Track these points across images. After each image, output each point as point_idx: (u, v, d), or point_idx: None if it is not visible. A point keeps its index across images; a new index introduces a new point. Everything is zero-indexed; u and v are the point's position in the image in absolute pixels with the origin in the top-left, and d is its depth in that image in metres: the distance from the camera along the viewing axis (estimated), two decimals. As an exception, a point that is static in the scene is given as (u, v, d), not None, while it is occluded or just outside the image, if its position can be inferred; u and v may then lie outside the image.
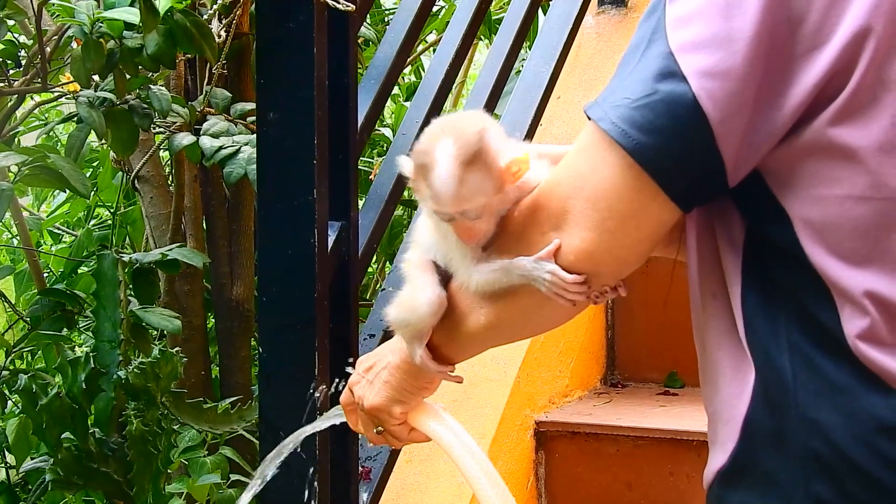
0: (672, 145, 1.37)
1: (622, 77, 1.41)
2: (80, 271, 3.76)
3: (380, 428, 1.76)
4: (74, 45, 2.95)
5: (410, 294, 1.63)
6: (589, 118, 1.43)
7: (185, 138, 3.10)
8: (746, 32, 1.33)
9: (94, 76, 2.94)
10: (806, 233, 1.37)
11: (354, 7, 2.36)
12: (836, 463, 1.35)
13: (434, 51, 3.11)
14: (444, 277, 1.63)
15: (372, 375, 1.74)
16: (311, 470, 2.28)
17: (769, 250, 1.41)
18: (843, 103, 1.34)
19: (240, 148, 2.98)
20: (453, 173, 1.49)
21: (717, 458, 1.46)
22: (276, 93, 2.31)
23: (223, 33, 3.21)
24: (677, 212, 1.42)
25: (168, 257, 3.22)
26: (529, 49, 3.61)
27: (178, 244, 3.42)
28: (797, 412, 1.37)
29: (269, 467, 2.00)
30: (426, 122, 2.80)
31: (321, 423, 2.00)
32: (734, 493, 1.44)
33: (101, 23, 2.76)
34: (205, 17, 3.07)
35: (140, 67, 2.88)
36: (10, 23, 3.30)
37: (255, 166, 2.47)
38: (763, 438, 1.41)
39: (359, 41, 3.48)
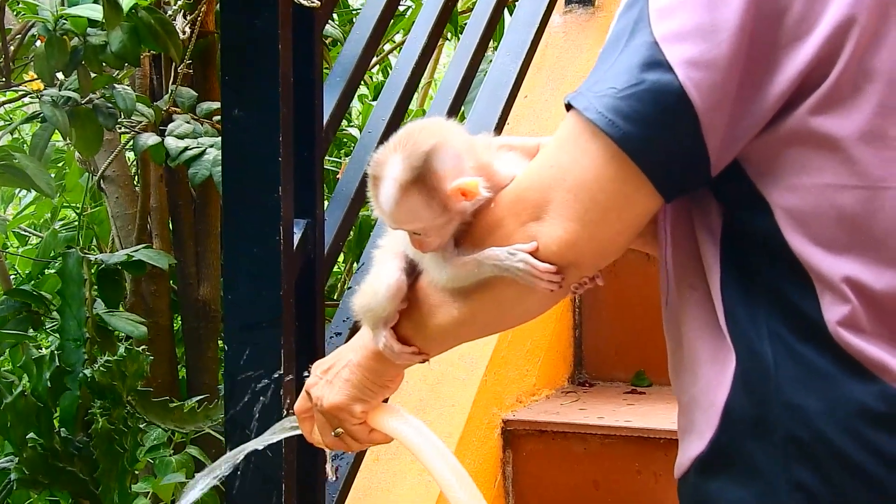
0: (659, 135, 1.36)
1: (605, 67, 1.40)
2: (46, 272, 3.74)
3: (339, 430, 1.73)
4: (38, 43, 2.93)
5: (372, 278, 1.63)
6: (571, 108, 1.41)
7: (149, 139, 3.09)
8: (731, 24, 1.33)
9: (58, 74, 2.93)
10: (786, 221, 1.38)
11: (319, 4, 2.35)
12: (818, 449, 1.35)
13: (401, 50, 3.11)
14: (413, 266, 1.61)
15: (331, 375, 1.71)
16: (278, 470, 2.27)
17: (748, 239, 1.41)
18: (826, 93, 1.34)
19: (205, 149, 2.97)
20: (392, 195, 1.49)
21: (694, 447, 1.45)
22: (241, 90, 2.30)
23: (188, 30, 3.20)
24: (660, 202, 1.41)
25: (134, 258, 3.21)
26: (496, 49, 3.61)
27: (144, 245, 3.41)
28: (779, 399, 1.37)
29: (205, 479, 1.90)
30: (392, 121, 2.82)
31: (270, 438, 1.93)
32: (713, 482, 1.43)
33: (65, 19, 2.75)
34: (169, 14, 3.06)
35: (104, 65, 2.86)
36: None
37: (220, 168, 2.46)
38: (744, 425, 1.40)
39: (325, 40, 3.48)
